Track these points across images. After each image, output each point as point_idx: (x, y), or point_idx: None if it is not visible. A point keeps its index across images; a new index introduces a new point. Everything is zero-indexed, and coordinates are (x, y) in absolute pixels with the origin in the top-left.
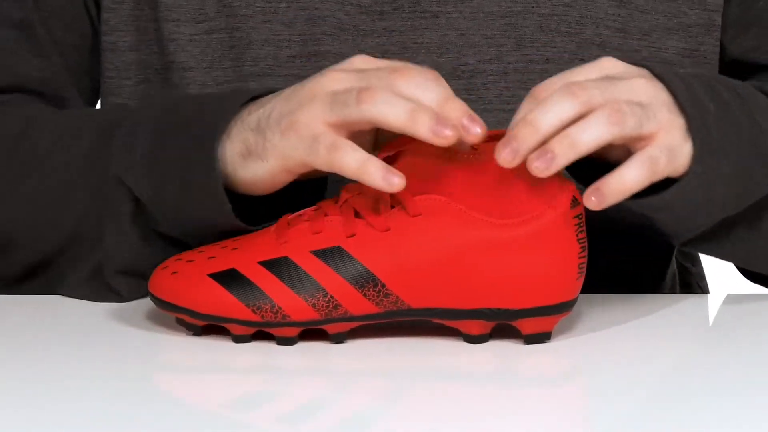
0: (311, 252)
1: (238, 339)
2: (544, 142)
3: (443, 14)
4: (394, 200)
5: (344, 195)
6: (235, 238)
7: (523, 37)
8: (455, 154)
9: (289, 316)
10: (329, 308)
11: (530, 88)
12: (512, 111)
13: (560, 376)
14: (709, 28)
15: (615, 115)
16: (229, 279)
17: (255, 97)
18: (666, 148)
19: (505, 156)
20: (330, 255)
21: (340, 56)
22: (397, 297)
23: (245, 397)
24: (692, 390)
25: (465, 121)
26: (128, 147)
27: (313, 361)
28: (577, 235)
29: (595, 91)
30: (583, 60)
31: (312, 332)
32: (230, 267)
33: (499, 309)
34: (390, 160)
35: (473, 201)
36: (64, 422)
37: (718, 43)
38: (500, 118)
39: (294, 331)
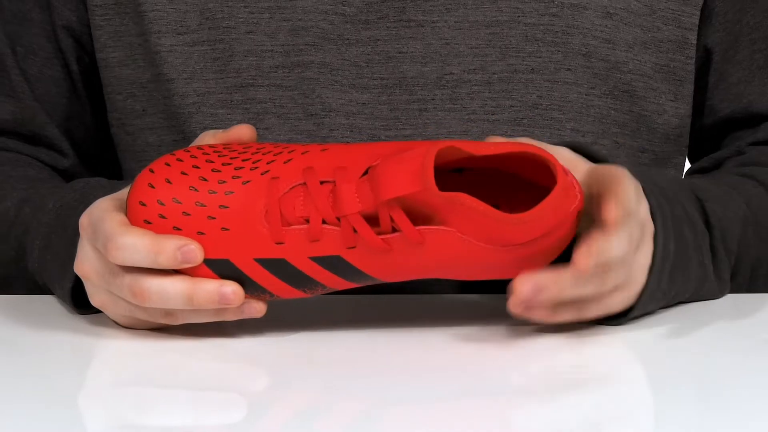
0: (310, 258)
1: None
2: None
3: (428, 23)
4: (396, 225)
5: (344, 207)
6: (222, 203)
7: (509, 47)
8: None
9: (281, 298)
10: (324, 293)
11: (515, 98)
12: (496, 121)
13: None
14: (681, 45)
15: (599, 281)
16: (222, 270)
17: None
18: (606, 308)
19: (523, 297)
20: (330, 262)
21: (324, 65)
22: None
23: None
24: (708, 393)
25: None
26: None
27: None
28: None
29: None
30: (569, 70)
31: None
32: (224, 257)
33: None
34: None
35: (476, 228)
36: (65, 418)
37: (691, 61)
38: (484, 129)
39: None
